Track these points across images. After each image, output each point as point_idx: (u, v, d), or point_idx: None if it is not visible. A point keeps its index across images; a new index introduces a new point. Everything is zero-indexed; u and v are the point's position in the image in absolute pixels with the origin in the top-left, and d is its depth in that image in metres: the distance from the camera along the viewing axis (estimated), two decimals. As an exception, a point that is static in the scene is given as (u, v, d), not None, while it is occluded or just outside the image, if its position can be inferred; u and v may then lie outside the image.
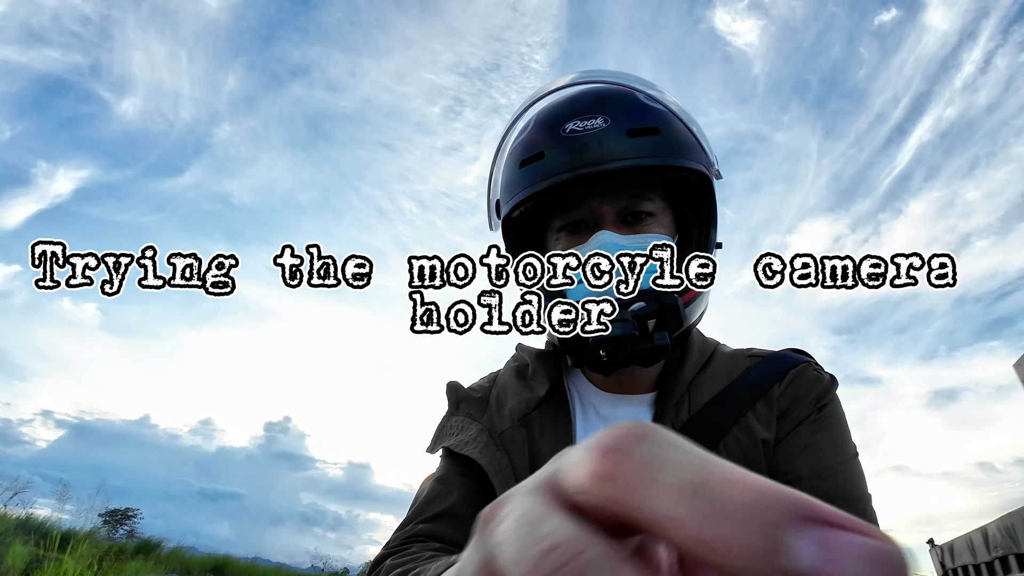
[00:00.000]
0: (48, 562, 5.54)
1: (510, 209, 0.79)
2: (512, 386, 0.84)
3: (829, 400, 0.76)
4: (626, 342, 0.66)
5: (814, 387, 0.75)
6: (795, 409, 0.72)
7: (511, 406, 0.81)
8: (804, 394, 0.74)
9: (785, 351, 0.81)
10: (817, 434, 0.72)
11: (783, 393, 0.74)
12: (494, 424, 0.80)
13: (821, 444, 0.71)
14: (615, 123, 0.70)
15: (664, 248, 0.76)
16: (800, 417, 0.72)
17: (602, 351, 0.68)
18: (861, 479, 0.72)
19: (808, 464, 0.69)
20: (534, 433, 0.77)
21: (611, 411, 0.79)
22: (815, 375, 0.77)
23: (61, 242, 0.85)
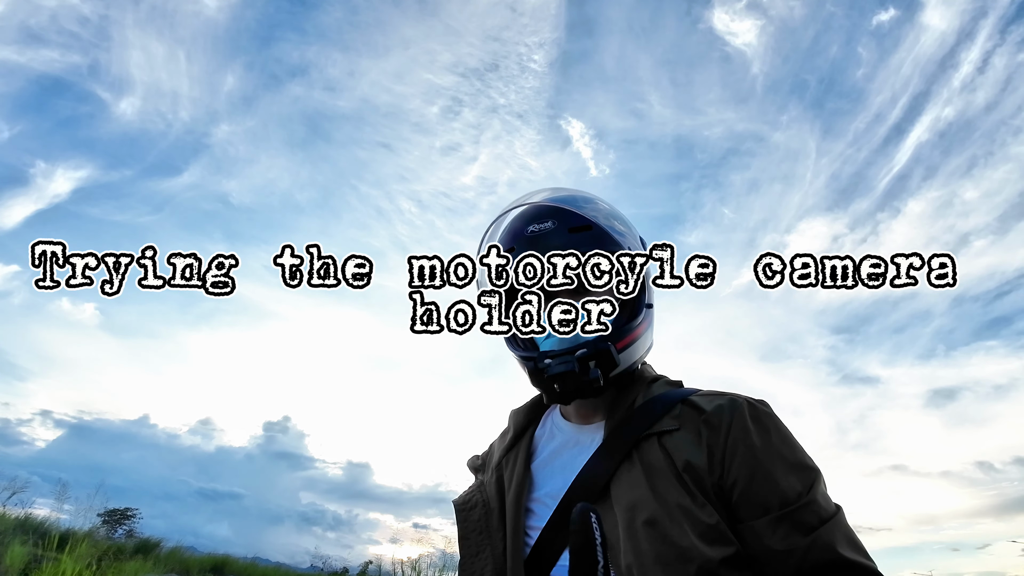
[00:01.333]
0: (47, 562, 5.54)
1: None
2: (496, 446, 1.06)
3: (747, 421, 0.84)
4: (569, 377, 0.84)
5: (735, 417, 0.84)
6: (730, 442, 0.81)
7: (493, 461, 1.01)
8: (726, 425, 0.83)
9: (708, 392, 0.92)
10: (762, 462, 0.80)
11: (709, 424, 0.83)
12: (485, 478, 1.00)
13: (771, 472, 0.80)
14: (560, 226, 0.91)
15: (664, 248, 0.87)
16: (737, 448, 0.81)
17: (556, 385, 0.85)
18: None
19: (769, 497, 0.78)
20: (503, 472, 0.97)
21: (571, 436, 0.94)
22: (728, 404, 0.86)
23: (61, 242, 0.85)
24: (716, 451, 0.80)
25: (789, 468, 0.78)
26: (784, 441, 0.81)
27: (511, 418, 1.05)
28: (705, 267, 0.87)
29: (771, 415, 0.84)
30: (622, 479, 0.81)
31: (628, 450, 0.84)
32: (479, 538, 0.90)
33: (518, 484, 0.91)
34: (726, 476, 0.78)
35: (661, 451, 0.82)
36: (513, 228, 0.96)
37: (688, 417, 0.85)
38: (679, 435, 0.83)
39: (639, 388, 0.93)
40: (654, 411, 0.87)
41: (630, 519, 0.76)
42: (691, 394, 0.90)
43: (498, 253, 0.93)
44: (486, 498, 0.95)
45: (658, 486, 0.78)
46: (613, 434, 0.87)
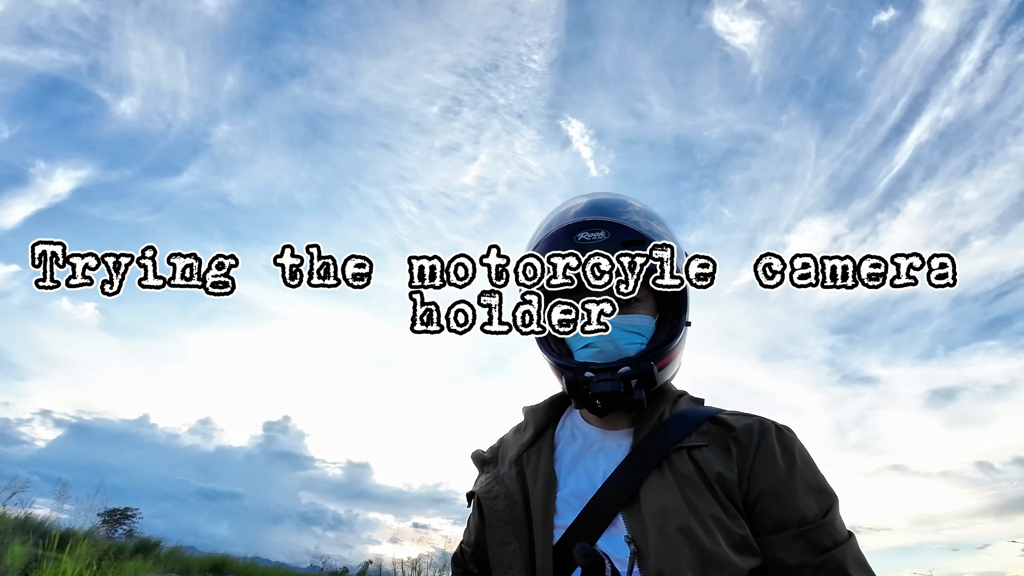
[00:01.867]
0: (47, 562, 5.54)
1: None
2: (511, 440, 1.05)
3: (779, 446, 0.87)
4: (614, 396, 0.86)
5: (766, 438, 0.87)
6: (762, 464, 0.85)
7: (510, 455, 1.01)
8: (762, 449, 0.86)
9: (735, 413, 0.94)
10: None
11: (738, 442, 0.86)
12: (500, 471, 1.00)
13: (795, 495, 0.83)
14: (613, 237, 0.91)
15: (664, 248, 0.87)
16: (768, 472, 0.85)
17: (598, 401, 0.87)
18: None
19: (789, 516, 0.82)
20: (525, 468, 0.97)
21: (597, 440, 0.95)
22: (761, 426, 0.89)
23: (61, 242, 0.85)
24: (744, 467, 0.83)
25: (808, 491, 0.82)
26: (806, 465, 0.84)
27: (529, 415, 1.05)
28: (705, 267, 0.87)
29: (796, 440, 0.87)
30: (653, 486, 0.83)
31: (659, 460, 0.85)
32: (505, 528, 0.91)
33: (546, 481, 0.91)
34: (751, 491, 0.81)
35: (692, 463, 0.84)
36: (558, 236, 0.95)
37: (716, 434, 0.88)
38: (708, 450, 0.85)
39: (666, 402, 0.94)
40: (682, 426, 0.89)
41: (662, 525, 0.78)
42: (718, 412, 0.92)
43: (499, 253, 0.91)
44: (508, 490, 0.95)
45: (690, 495, 0.80)
46: (643, 445, 0.88)
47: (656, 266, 0.88)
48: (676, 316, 0.94)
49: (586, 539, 0.83)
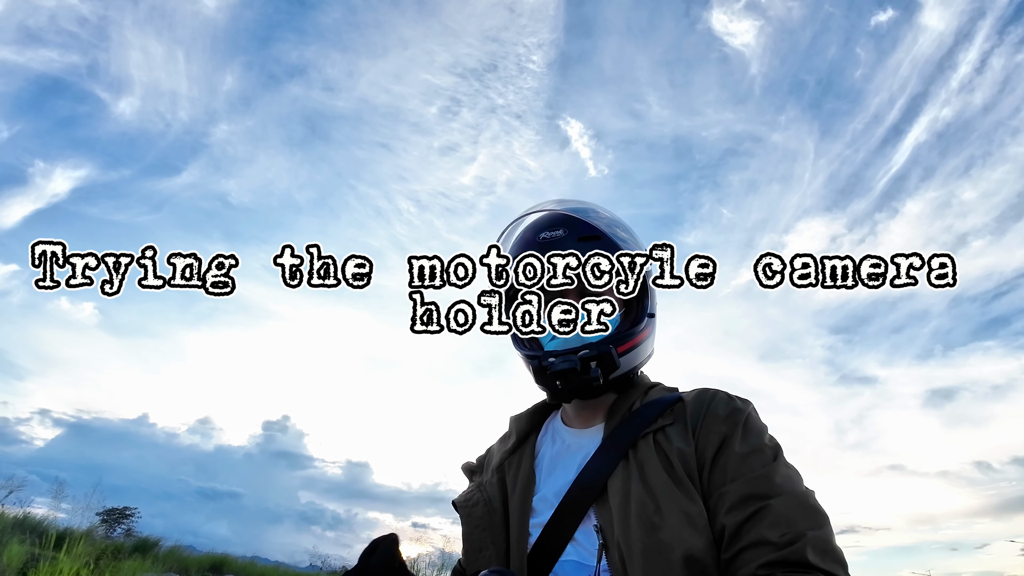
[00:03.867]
0: (45, 561, 5.52)
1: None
2: (495, 449, 1.07)
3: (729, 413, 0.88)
4: (571, 374, 0.87)
5: (718, 406, 0.89)
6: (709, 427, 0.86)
7: (493, 463, 1.03)
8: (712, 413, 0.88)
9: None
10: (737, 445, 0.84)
11: (692, 412, 0.88)
12: (482, 479, 1.02)
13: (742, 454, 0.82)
14: (571, 233, 0.95)
15: (664, 248, 0.88)
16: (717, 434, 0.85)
17: (557, 381, 0.89)
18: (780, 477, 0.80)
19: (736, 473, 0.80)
20: (506, 474, 0.98)
21: (572, 439, 0.96)
22: (714, 397, 0.91)
23: (61, 242, 0.85)
24: (695, 436, 0.84)
25: (747, 450, 0.80)
26: (749, 427, 0.83)
27: (513, 423, 1.07)
28: (705, 267, 0.87)
29: (747, 407, 0.87)
30: (618, 475, 0.84)
31: (625, 450, 0.86)
32: (482, 535, 0.92)
33: (524, 485, 0.93)
34: (699, 458, 0.82)
35: (655, 447, 0.85)
36: (525, 234, 1.00)
37: (679, 412, 0.89)
38: (671, 429, 0.86)
39: (637, 394, 0.96)
40: (651, 413, 0.90)
41: (623, 514, 0.79)
42: (684, 394, 0.94)
43: (499, 254, 0.93)
44: (488, 497, 0.96)
45: (649, 478, 0.81)
46: (611, 436, 0.89)
47: (614, 267, 0.90)
48: (639, 305, 0.96)
49: (562, 534, 0.85)
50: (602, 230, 0.97)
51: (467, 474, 1.11)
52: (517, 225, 1.04)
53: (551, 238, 0.95)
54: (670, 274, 0.86)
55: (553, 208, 1.03)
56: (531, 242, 0.97)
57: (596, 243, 0.95)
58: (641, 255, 0.96)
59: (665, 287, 0.85)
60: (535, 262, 0.92)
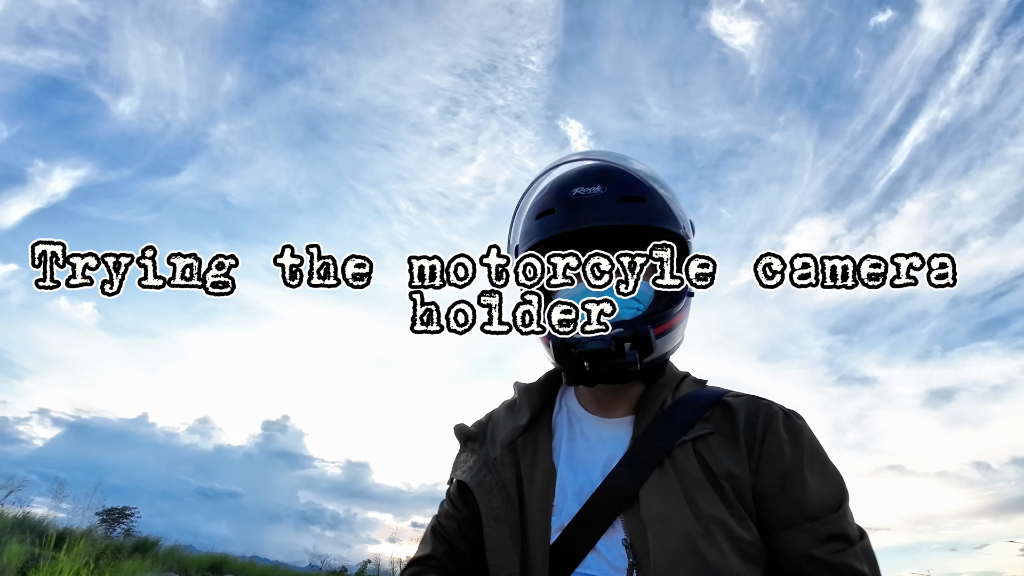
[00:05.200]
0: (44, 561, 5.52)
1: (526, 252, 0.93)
2: (502, 419, 0.98)
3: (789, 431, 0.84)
4: (603, 356, 0.80)
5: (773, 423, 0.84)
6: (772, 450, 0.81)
7: (501, 436, 0.94)
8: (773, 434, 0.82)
9: (746, 395, 0.90)
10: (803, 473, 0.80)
11: (746, 429, 0.82)
12: (489, 454, 0.94)
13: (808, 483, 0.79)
14: (609, 191, 0.87)
15: (664, 248, 0.83)
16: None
17: (585, 363, 0.81)
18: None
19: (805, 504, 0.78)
20: (519, 456, 0.91)
21: (594, 430, 0.90)
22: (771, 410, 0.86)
23: (61, 242, 0.85)
24: (752, 460, 0.79)
25: (818, 482, 0.78)
26: (815, 454, 0.81)
27: (523, 395, 0.99)
28: (705, 267, 0.87)
29: (805, 427, 0.84)
30: (654, 487, 0.78)
31: (661, 457, 0.80)
32: (502, 530, 0.85)
33: (544, 478, 0.86)
34: (758, 485, 0.78)
35: (696, 459, 0.80)
36: (556, 187, 0.91)
37: (721, 420, 0.84)
38: (714, 440, 0.81)
39: (668, 386, 0.90)
40: (686, 415, 0.84)
41: (662, 531, 0.74)
42: (723, 395, 0.88)
43: (499, 253, 0.87)
44: (501, 481, 0.89)
45: (695, 497, 0.76)
46: (644, 437, 0.83)
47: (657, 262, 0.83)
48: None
49: (583, 542, 0.78)
50: (648, 188, 0.87)
51: (460, 439, 1.02)
52: (543, 179, 0.95)
53: (586, 195, 0.86)
54: (670, 274, 0.86)
55: (596, 158, 0.92)
56: (562, 195, 0.88)
57: (639, 205, 0.87)
58: (687, 234, 0.89)
59: (665, 287, 0.84)
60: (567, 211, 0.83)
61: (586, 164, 0.92)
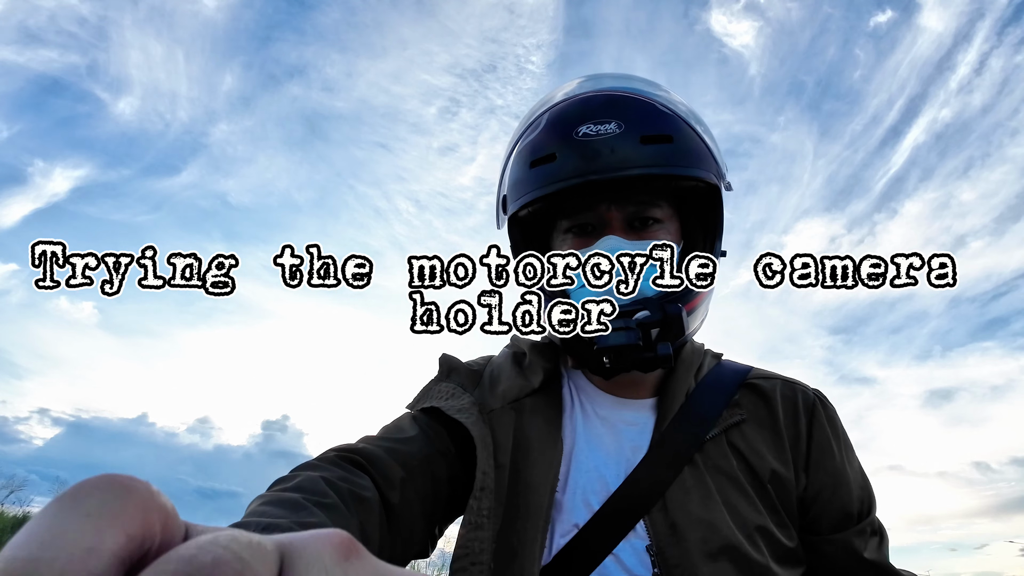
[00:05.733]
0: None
1: (517, 209, 0.79)
2: (507, 369, 0.84)
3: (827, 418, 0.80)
4: (630, 351, 0.68)
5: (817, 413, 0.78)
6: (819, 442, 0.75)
7: (504, 388, 0.81)
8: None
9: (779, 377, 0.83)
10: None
11: (786, 417, 0.76)
12: (485, 401, 0.80)
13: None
14: (628, 129, 0.70)
15: (664, 248, 0.74)
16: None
17: (605, 358, 0.69)
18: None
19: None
20: (523, 418, 0.78)
21: (612, 413, 0.79)
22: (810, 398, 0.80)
23: (61, 242, 0.85)
24: (799, 459, 0.73)
25: (858, 481, 0.76)
26: (851, 450, 0.78)
27: (532, 352, 0.84)
28: (705, 267, 0.86)
29: (838, 419, 0.79)
30: (685, 487, 0.68)
31: (692, 452, 0.70)
32: (487, 501, 0.71)
33: (548, 458, 0.73)
34: (809, 488, 0.72)
35: (733, 454, 0.71)
36: (557, 124, 0.73)
37: (753, 405, 0.76)
38: (749, 429, 0.73)
39: (692, 365, 0.79)
40: (715, 400, 0.74)
41: (702, 540, 0.65)
42: (748, 373, 0.80)
43: (498, 253, 0.76)
44: (495, 442, 0.75)
45: (735, 501, 0.68)
46: (670, 430, 0.73)
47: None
48: (708, 244, 0.79)
49: (602, 542, 0.67)
50: (678, 121, 0.71)
51: (444, 371, 0.86)
52: (541, 118, 0.76)
53: (597, 136, 0.69)
54: (670, 274, 0.86)
55: (595, 91, 0.74)
56: (566, 136, 0.71)
57: (666, 147, 0.70)
58: (727, 180, 0.77)
59: (665, 287, 0.84)
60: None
61: (597, 93, 0.75)
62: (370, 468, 0.69)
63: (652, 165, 0.70)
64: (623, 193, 0.74)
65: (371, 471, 0.68)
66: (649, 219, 0.76)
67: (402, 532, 0.68)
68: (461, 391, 0.81)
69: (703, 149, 0.75)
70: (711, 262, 0.78)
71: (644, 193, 0.75)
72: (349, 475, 0.66)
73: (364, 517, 0.62)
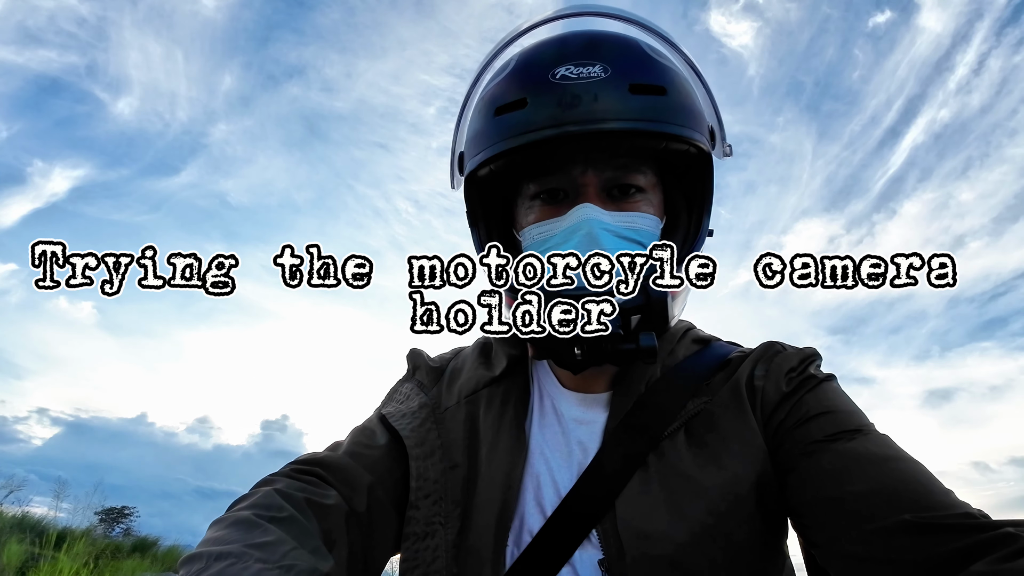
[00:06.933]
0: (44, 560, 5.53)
1: (476, 166, 0.69)
2: (471, 362, 0.80)
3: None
4: (606, 341, 0.60)
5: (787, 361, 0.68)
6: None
7: (462, 382, 0.76)
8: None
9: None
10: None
11: (762, 385, 0.66)
12: (440, 400, 0.76)
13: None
14: (615, 74, 0.59)
15: (664, 248, 0.70)
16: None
17: (577, 349, 0.62)
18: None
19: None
20: (478, 411, 0.73)
21: (569, 409, 0.72)
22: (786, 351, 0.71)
23: (61, 242, 0.85)
24: (772, 427, 0.63)
25: (851, 412, 0.65)
26: (850, 416, 0.65)
27: (499, 345, 0.78)
28: (705, 267, 0.86)
29: (833, 381, 0.69)
30: (633, 494, 0.61)
31: (644, 455, 0.62)
32: (431, 509, 0.65)
33: (508, 458, 0.67)
34: (788, 419, 0.62)
35: (692, 448, 0.63)
36: (530, 65, 0.63)
37: (720, 383, 0.66)
38: (716, 413, 0.64)
39: (662, 351, 0.69)
40: (680, 389, 0.65)
41: (643, 555, 0.59)
42: (728, 354, 0.71)
43: (499, 253, 0.69)
44: (445, 444, 0.69)
45: (686, 508, 0.60)
46: (622, 428, 0.65)
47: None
48: (693, 219, 0.71)
49: (558, 552, 0.61)
50: (671, 73, 0.62)
51: (411, 370, 0.82)
52: (509, 63, 0.66)
53: (578, 79, 0.58)
54: (670, 274, 0.86)
55: (576, 31, 0.64)
56: (540, 79, 0.60)
57: (657, 99, 0.61)
58: (726, 143, 0.67)
59: (665, 287, 0.84)
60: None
61: (578, 30, 0.65)
62: (329, 476, 0.66)
63: (641, 120, 0.60)
64: (603, 153, 0.64)
65: (330, 479, 0.66)
66: (630, 187, 0.66)
67: (375, 534, 0.65)
68: (418, 391, 0.77)
69: (699, 107, 0.66)
70: (711, 262, 0.76)
71: (627, 155, 0.64)
72: (308, 485, 0.63)
73: (327, 523, 0.60)
